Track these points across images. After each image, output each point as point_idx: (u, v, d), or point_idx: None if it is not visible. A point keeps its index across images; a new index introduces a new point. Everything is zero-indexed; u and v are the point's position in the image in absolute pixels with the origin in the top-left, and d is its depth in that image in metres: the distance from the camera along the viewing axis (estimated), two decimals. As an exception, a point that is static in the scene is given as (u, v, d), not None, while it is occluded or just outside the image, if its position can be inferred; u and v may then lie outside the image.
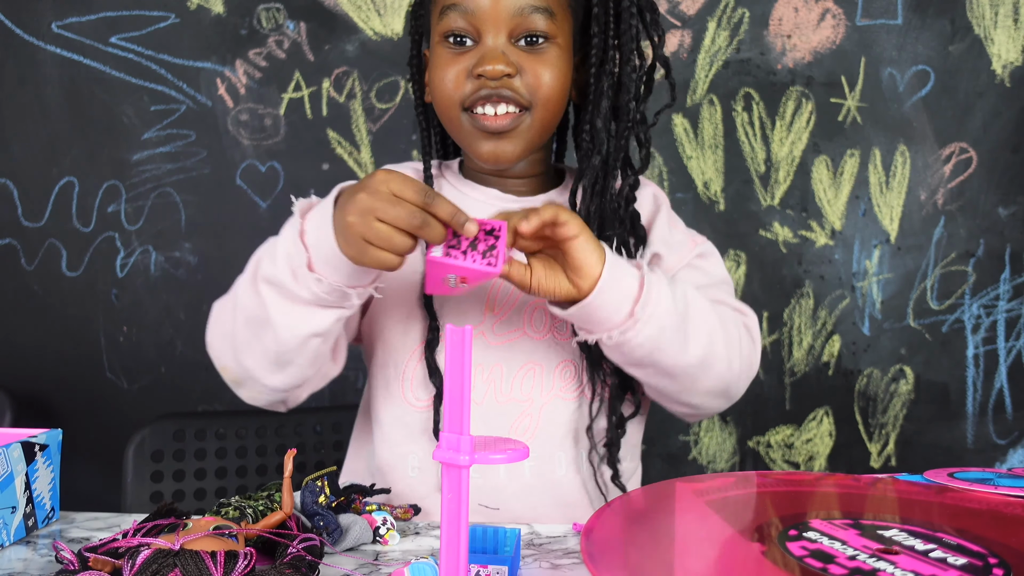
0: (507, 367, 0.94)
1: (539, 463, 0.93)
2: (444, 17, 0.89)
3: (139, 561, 0.57)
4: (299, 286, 0.79)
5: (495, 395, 0.93)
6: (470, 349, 0.55)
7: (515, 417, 0.93)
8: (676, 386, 0.89)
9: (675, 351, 0.84)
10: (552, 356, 0.94)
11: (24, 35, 1.47)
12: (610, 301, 0.80)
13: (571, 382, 0.94)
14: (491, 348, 0.94)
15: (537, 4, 0.88)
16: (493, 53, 0.87)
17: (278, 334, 0.83)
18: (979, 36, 1.50)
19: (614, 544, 0.61)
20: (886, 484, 0.77)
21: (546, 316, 0.94)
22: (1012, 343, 1.55)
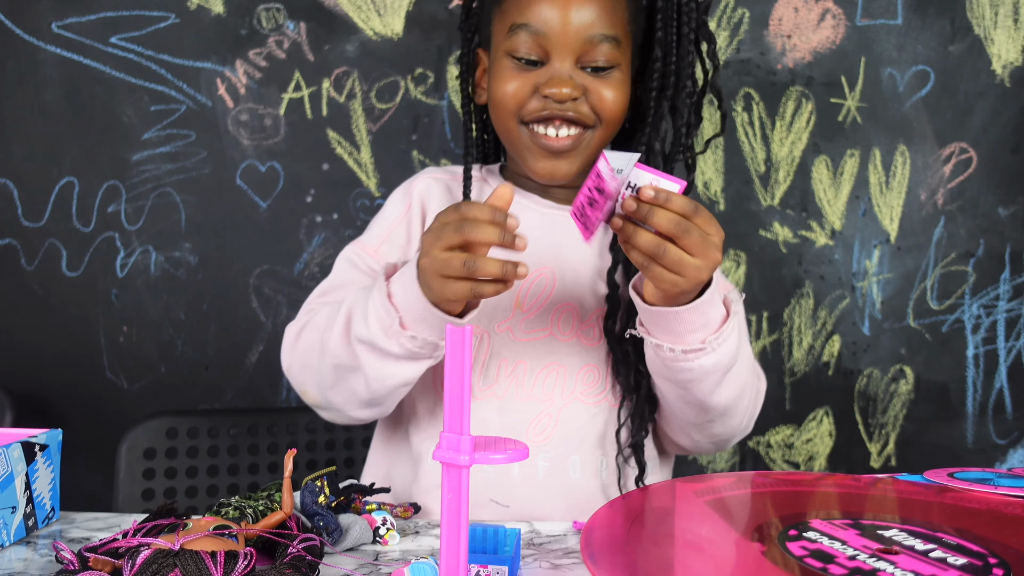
0: (531, 364, 0.95)
1: (553, 464, 0.94)
2: (513, 35, 0.92)
3: (139, 561, 0.57)
4: (392, 344, 0.81)
5: (516, 390, 0.95)
6: (470, 349, 0.55)
7: (534, 415, 0.94)
8: (691, 418, 0.92)
9: (711, 389, 0.86)
10: (576, 359, 0.95)
11: (24, 35, 1.47)
12: (696, 320, 0.81)
13: (593, 387, 0.96)
14: (517, 344, 0.95)
15: (607, 33, 0.91)
16: (561, 77, 0.90)
17: (370, 385, 0.86)
18: (979, 36, 1.50)
19: (614, 544, 0.61)
20: (886, 484, 0.77)
21: (574, 319, 0.96)
22: (1012, 343, 1.55)
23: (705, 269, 0.76)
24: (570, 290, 0.97)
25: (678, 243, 0.74)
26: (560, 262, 0.98)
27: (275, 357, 1.54)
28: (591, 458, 0.95)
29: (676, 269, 0.75)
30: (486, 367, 0.95)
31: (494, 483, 0.93)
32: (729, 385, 0.88)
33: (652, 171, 0.74)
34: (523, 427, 0.94)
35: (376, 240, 1.00)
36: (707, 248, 0.75)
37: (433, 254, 0.75)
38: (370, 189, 1.51)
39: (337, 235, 1.51)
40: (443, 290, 0.76)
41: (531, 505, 0.93)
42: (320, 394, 0.92)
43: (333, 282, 1.00)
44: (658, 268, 0.75)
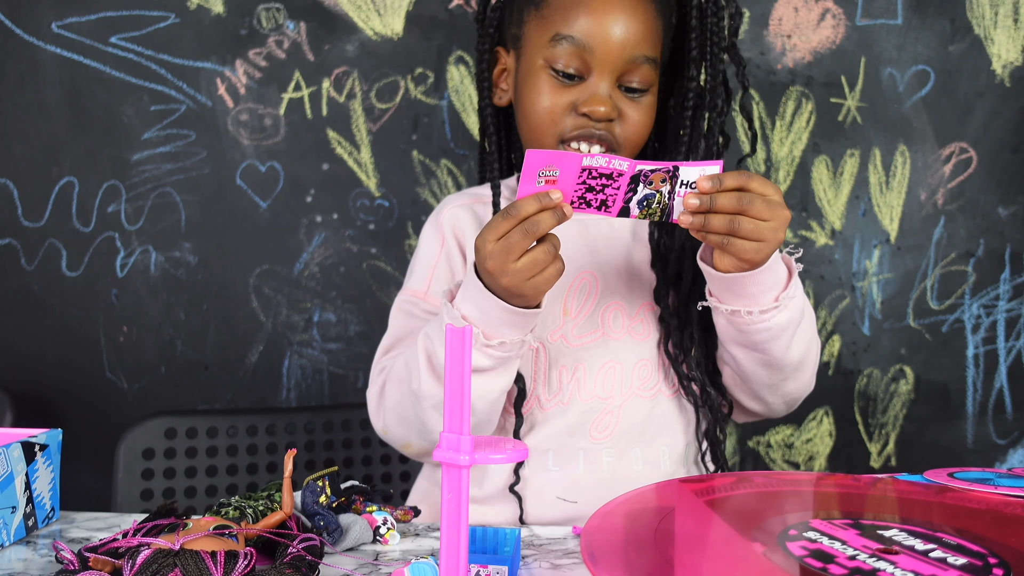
0: (589, 367, 0.97)
1: (617, 459, 0.96)
2: (556, 45, 0.92)
3: (139, 561, 0.57)
4: (482, 358, 0.84)
5: (578, 393, 0.96)
6: (470, 349, 0.55)
7: (597, 414, 0.96)
8: (768, 379, 0.94)
9: (785, 346, 0.89)
10: (630, 355, 0.97)
11: (24, 35, 1.47)
12: (768, 280, 0.84)
13: (648, 380, 0.98)
14: (572, 350, 0.97)
15: (648, 55, 0.92)
16: (601, 96, 0.91)
17: (474, 407, 0.87)
18: (979, 36, 1.50)
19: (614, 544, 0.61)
20: (886, 484, 0.77)
21: (623, 316, 0.98)
22: (1012, 343, 1.55)
23: (780, 228, 0.79)
24: (614, 288, 0.98)
25: (747, 214, 0.78)
26: (600, 264, 0.99)
27: (275, 357, 1.55)
28: (652, 449, 0.97)
29: (755, 236, 0.78)
30: (548, 377, 0.97)
31: (561, 480, 0.95)
32: (800, 339, 0.91)
33: (694, 164, 0.78)
34: (586, 427, 0.96)
35: (423, 283, 1.01)
36: (773, 208, 0.78)
37: (511, 268, 0.78)
38: (370, 189, 1.51)
39: (337, 235, 1.52)
40: (538, 289, 0.79)
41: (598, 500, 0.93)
42: (425, 440, 0.93)
43: (395, 336, 1.01)
44: (738, 242, 0.79)
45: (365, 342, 1.52)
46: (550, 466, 0.95)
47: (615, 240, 1.02)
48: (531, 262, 0.77)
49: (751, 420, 1.06)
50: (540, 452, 0.96)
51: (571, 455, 0.95)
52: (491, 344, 0.83)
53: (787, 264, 0.87)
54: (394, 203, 1.52)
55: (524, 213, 0.76)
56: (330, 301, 1.52)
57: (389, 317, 1.04)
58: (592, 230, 1.01)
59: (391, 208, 1.52)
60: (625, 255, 1.01)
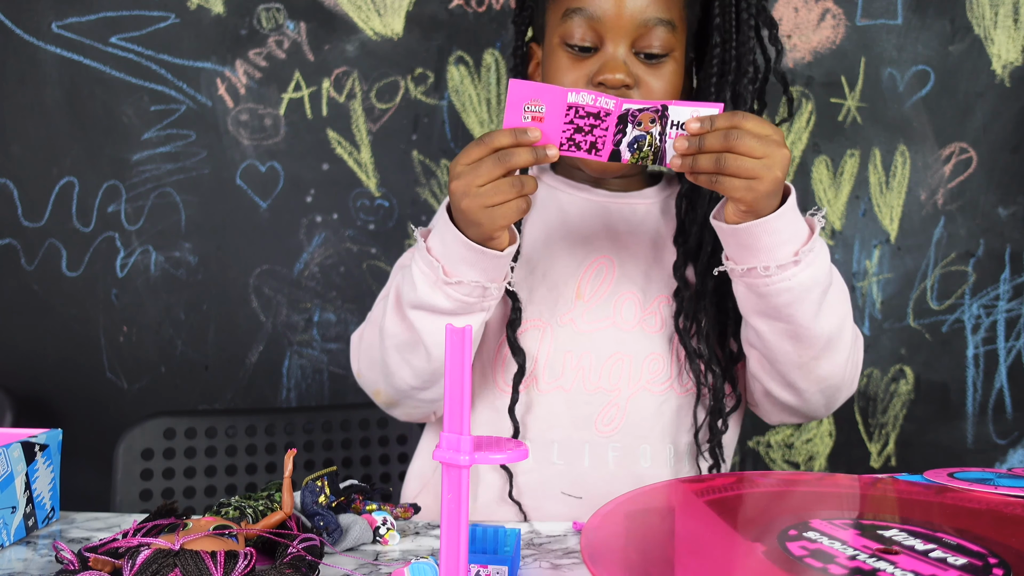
0: (596, 356, 0.95)
1: (623, 454, 0.95)
2: (567, 20, 0.91)
3: (139, 561, 0.57)
4: (439, 296, 0.83)
5: (583, 383, 0.95)
6: (470, 349, 0.55)
7: (602, 407, 0.95)
8: (796, 355, 0.87)
9: (812, 312, 0.83)
10: (640, 348, 0.96)
11: (24, 35, 1.47)
12: (784, 229, 0.80)
13: (658, 375, 0.96)
14: (581, 335, 0.95)
15: (662, 16, 0.90)
16: (615, 62, 0.89)
17: (429, 352, 0.87)
18: (979, 36, 1.50)
19: (614, 544, 0.61)
20: (886, 484, 0.77)
21: (636, 306, 0.96)
22: (1012, 343, 1.55)
23: (775, 165, 0.76)
24: (630, 277, 0.97)
25: (736, 151, 0.75)
26: (618, 250, 0.98)
27: (275, 357, 1.55)
28: (661, 447, 0.96)
29: (745, 174, 0.76)
30: (550, 360, 0.95)
31: (565, 475, 0.94)
32: (829, 310, 0.85)
33: (687, 104, 0.76)
34: (591, 419, 0.95)
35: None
36: (767, 145, 0.75)
37: (474, 191, 0.77)
38: (370, 189, 1.51)
39: (337, 235, 1.52)
40: (493, 220, 0.78)
41: (603, 496, 0.93)
42: (388, 384, 0.93)
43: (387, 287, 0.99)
44: (727, 180, 0.76)
45: (365, 342, 1.52)
46: (555, 459, 0.94)
47: (638, 226, 0.99)
48: (494, 188, 0.77)
49: (788, 421, 1.00)
50: (545, 444, 0.94)
51: (576, 448, 0.94)
52: (450, 282, 0.82)
53: (808, 224, 0.83)
54: (394, 203, 1.52)
55: (497, 144, 0.76)
56: (330, 301, 1.52)
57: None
58: (614, 213, 0.99)
59: (391, 208, 1.52)
60: (648, 243, 0.99)
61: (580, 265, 0.97)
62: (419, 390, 0.92)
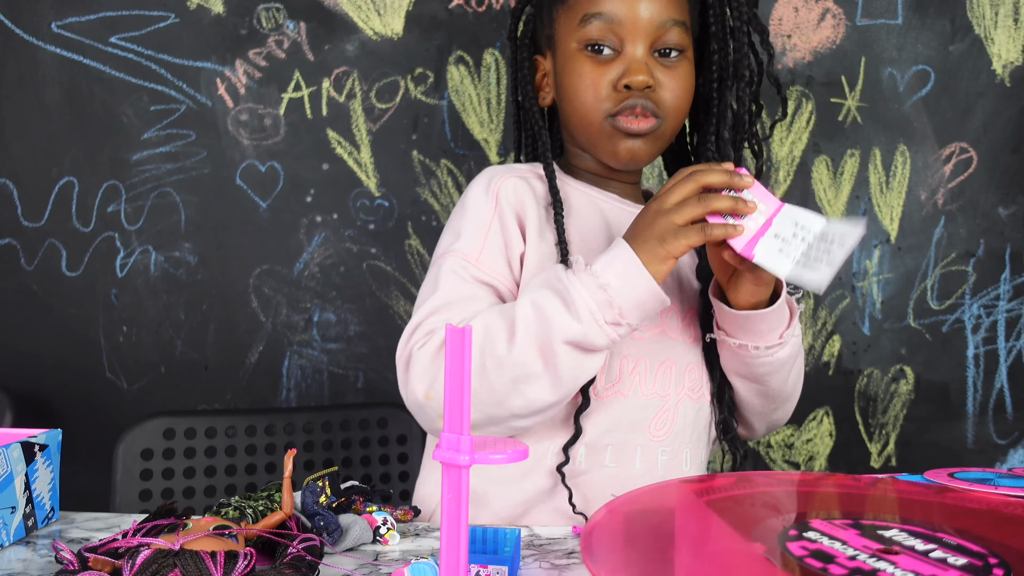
0: (650, 362, 0.97)
1: (671, 458, 0.97)
2: (586, 25, 0.94)
3: (139, 561, 0.57)
4: (602, 337, 0.82)
5: (641, 387, 0.96)
6: (470, 349, 0.55)
7: (656, 411, 0.96)
8: (760, 407, 1.01)
9: (783, 379, 0.97)
10: (684, 357, 0.98)
11: (24, 35, 1.47)
12: (776, 319, 0.90)
13: (696, 383, 0.99)
14: (634, 341, 0.96)
15: (676, 18, 0.94)
16: (638, 65, 0.93)
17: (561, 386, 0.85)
18: (979, 36, 1.50)
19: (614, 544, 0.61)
20: (886, 484, 0.77)
21: (679, 317, 0.99)
22: (1012, 343, 1.55)
23: None
24: (669, 290, 0.98)
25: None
26: None
27: (275, 357, 1.55)
28: (697, 452, 1.00)
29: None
30: (608, 365, 0.95)
31: (617, 478, 0.93)
32: (795, 372, 0.98)
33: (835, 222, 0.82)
34: (647, 423, 0.95)
35: (474, 247, 0.95)
36: None
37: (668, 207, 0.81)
38: (370, 189, 1.51)
39: (337, 235, 1.51)
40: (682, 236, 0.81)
41: None
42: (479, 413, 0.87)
43: (446, 297, 0.93)
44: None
45: (365, 342, 1.52)
46: (607, 462, 0.94)
47: None
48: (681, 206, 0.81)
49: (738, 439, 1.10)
50: (600, 448, 0.94)
51: (630, 451, 0.95)
52: (621, 324, 0.81)
53: (789, 305, 0.92)
54: (394, 203, 1.52)
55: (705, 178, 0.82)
56: (330, 301, 1.52)
57: (432, 275, 0.96)
58: None
59: (391, 208, 1.52)
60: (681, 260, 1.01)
61: None
62: (521, 418, 0.87)
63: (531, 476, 0.94)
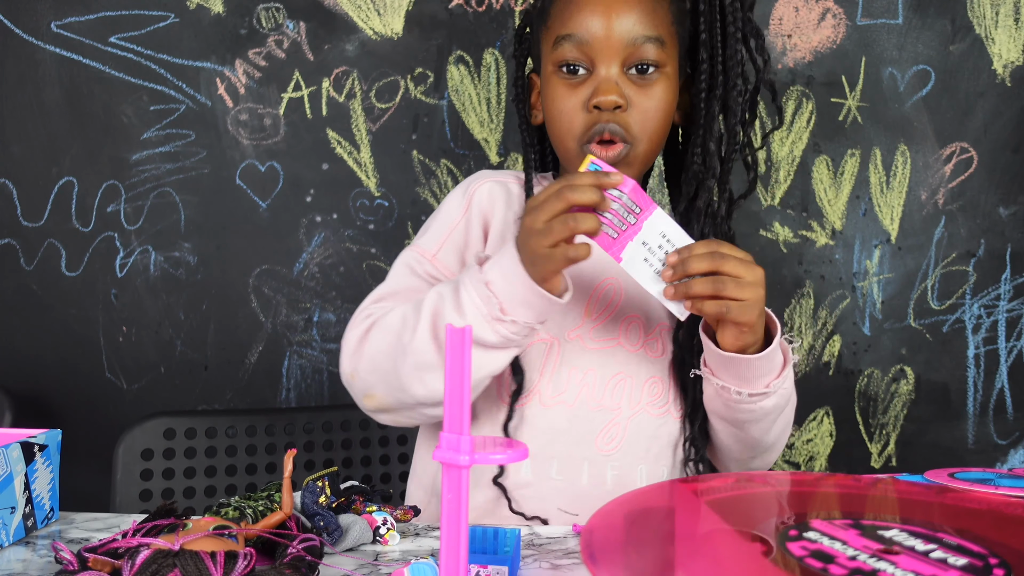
0: (600, 373, 0.96)
1: (621, 474, 0.95)
2: (559, 47, 0.93)
3: (139, 561, 0.57)
4: (489, 332, 0.83)
5: (587, 399, 0.95)
6: (470, 349, 0.55)
7: (603, 425, 0.95)
8: (738, 454, 0.98)
9: (765, 429, 0.93)
10: (642, 370, 0.97)
11: (23, 35, 1.47)
12: (765, 367, 0.87)
13: (658, 398, 0.97)
14: (588, 352, 0.96)
15: (649, 34, 0.91)
16: (608, 84, 0.91)
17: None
18: (980, 36, 1.50)
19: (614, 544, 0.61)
20: (886, 484, 0.76)
21: (641, 330, 0.98)
22: (1013, 343, 1.55)
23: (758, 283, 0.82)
24: (635, 301, 0.98)
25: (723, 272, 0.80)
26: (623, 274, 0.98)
27: (274, 357, 1.55)
28: (656, 469, 0.97)
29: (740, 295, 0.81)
30: (556, 374, 0.95)
31: (564, 492, 0.94)
32: (780, 424, 0.94)
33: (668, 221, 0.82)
34: (593, 436, 0.95)
35: (434, 244, 0.99)
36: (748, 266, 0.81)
37: (538, 227, 0.79)
38: (370, 189, 1.51)
39: (337, 235, 1.51)
40: (549, 261, 0.79)
41: None
42: (391, 396, 0.90)
43: (391, 287, 0.98)
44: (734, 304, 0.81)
45: (365, 342, 1.52)
46: (553, 475, 0.94)
47: None
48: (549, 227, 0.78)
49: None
50: (545, 459, 0.94)
51: (576, 464, 0.94)
52: (504, 319, 0.82)
53: (783, 352, 0.89)
54: (394, 203, 1.52)
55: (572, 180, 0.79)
56: (330, 301, 1.52)
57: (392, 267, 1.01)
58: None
59: (391, 208, 1.52)
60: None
61: (589, 285, 0.98)
62: (427, 406, 0.90)
63: (476, 488, 0.95)
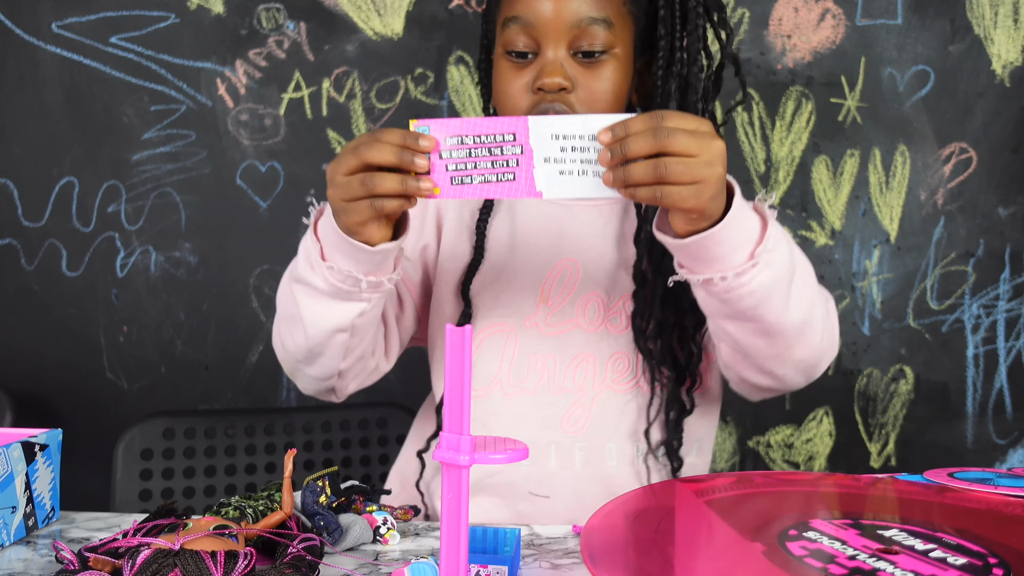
0: (560, 357, 0.96)
1: (589, 454, 0.95)
2: (506, 30, 0.91)
3: (139, 561, 0.57)
4: (316, 277, 0.82)
5: (548, 384, 0.95)
6: (470, 349, 0.55)
7: (567, 407, 0.95)
8: (770, 349, 0.84)
9: (780, 307, 0.79)
10: (605, 348, 0.96)
11: (24, 35, 1.47)
12: (735, 236, 0.75)
13: (624, 374, 0.96)
14: (545, 338, 0.96)
15: (595, 15, 0.89)
16: (552, 66, 0.88)
17: (306, 330, 0.87)
18: (979, 36, 1.50)
19: (614, 544, 0.61)
20: (886, 484, 0.77)
21: (600, 307, 0.96)
22: (1012, 343, 1.55)
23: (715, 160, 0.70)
24: (593, 278, 0.97)
25: (670, 152, 0.69)
26: (583, 252, 0.97)
27: (275, 357, 1.54)
28: (627, 446, 0.96)
29: (689, 178, 0.70)
30: (515, 363, 0.96)
31: (532, 475, 0.94)
32: (797, 297, 0.81)
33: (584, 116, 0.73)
34: (557, 419, 0.95)
35: None
36: (701, 140, 0.70)
37: (336, 180, 0.75)
38: (370, 189, 1.51)
39: (337, 235, 1.51)
40: (348, 215, 0.76)
41: (570, 495, 0.94)
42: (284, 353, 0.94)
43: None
44: (672, 189, 0.70)
45: (365, 342, 1.52)
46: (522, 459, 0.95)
47: (603, 226, 0.99)
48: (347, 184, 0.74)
49: (768, 396, 0.96)
50: None
51: (543, 449, 0.94)
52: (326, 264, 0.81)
53: (760, 213, 0.78)
54: (394, 203, 1.52)
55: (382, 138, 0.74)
56: (330, 301, 1.52)
57: None
58: (579, 219, 0.98)
59: (391, 208, 1.52)
60: (612, 242, 0.98)
61: (545, 269, 0.97)
62: (303, 364, 0.92)
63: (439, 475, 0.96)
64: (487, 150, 0.72)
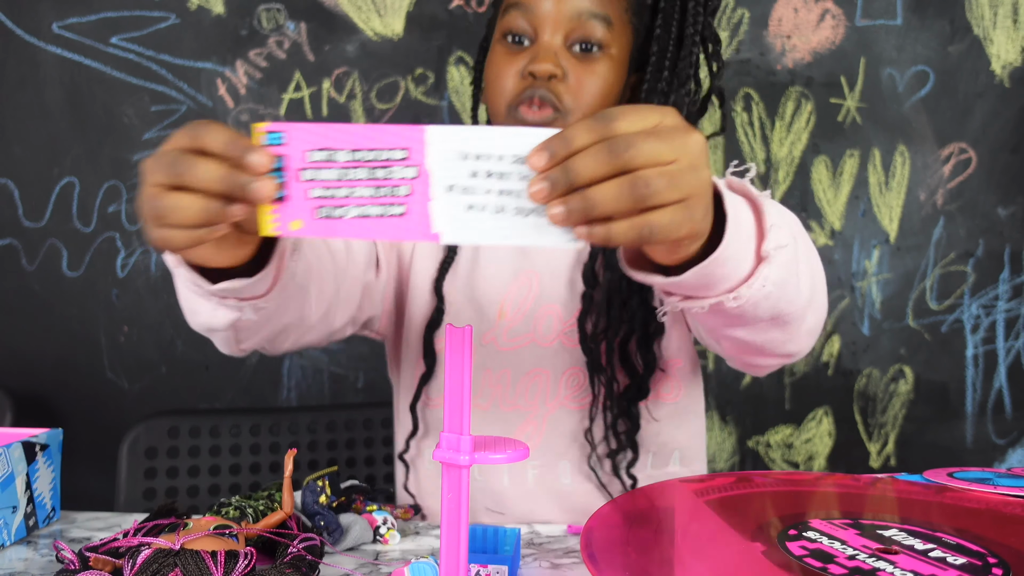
0: (514, 373, 0.94)
1: (542, 471, 0.94)
2: (506, 15, 0.90)
3: (139, 561, 0.57)
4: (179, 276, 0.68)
5: (501, 401, 0.94)
6: (470, 349, 0.55)
7: (518, 424, 0.94)
8: (785, 335, 0.72)
9: (794, 291, 0.67)
10: (559, 363, 0.94)
11: (24, 35, 1.47)
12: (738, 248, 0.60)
13: (578, 390, 0.94)
14: (501, 353, 0.94)
15: (596, 11, 0.88)
16: (546, 53, 0.87)
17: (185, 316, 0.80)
18: (978, 36, 1.51)
19: (614, 544, 0.62)
20: (885, 484, 0.77)
21: (556, 321, 0.94)
22: (1011, 343, 1.55)
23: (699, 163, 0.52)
24: (550, 292, 0.94)
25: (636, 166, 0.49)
26: (544, 263, 0.96)
27: (275, 357, 1.55)
28: (581, 462, 0.94)
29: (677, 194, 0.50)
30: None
31: (486, 492, 0.94)
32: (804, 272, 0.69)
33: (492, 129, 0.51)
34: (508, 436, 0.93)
35: None
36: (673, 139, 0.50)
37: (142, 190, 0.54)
38: (370, 189, 1.51)
39: (337, 235, 1.51)
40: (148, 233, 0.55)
41: (525, 512, 0.93)
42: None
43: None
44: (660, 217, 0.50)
45: (365, 342, 1.52)
46: (476, 476, 0.94)
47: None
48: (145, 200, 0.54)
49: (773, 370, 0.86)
50: None
51: (495, 466, 0.92)
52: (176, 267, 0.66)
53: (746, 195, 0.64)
54: (394, 203, 1.52)
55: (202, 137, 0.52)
56: (330, 301, 1.52)
57: None
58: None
59: (391, 208, 1.52)
60: (567, 258, 0.95)
61: (507, 281, 0.95)
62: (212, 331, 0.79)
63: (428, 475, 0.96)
64: (367, 171, 0.51)
